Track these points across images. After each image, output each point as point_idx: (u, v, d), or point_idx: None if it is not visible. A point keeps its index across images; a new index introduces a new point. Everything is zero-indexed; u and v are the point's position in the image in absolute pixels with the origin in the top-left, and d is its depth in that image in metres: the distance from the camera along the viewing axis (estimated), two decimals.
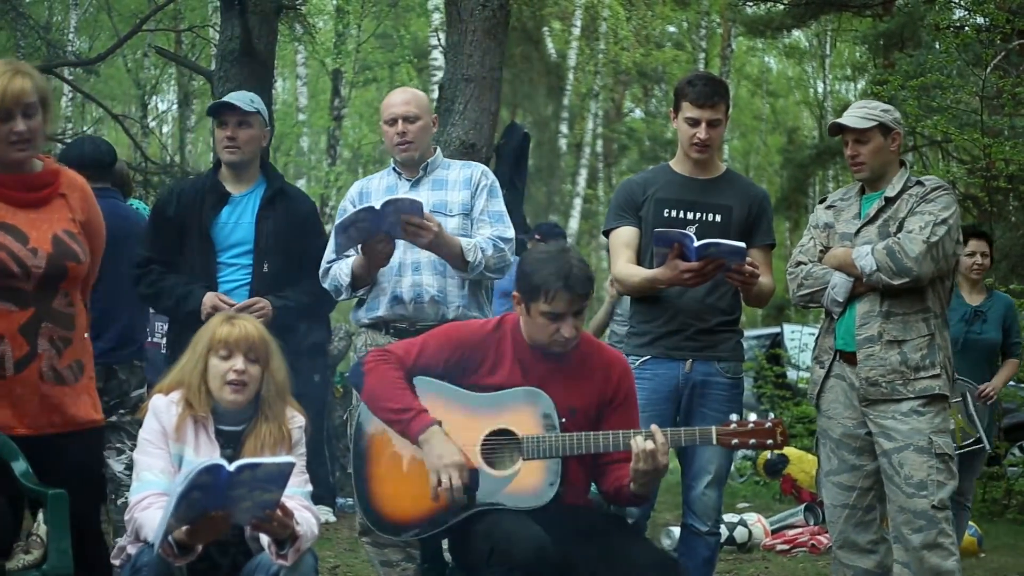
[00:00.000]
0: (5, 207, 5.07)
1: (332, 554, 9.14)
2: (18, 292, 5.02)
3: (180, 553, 4.58)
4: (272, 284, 6.41)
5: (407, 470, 5.22)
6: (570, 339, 5.13)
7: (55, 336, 5.08)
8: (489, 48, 9.84)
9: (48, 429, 5.12)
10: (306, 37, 17.48)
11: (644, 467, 4.97)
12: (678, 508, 6.44)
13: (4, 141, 4.98)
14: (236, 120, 6.51)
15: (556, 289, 5.06)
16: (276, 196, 6.54)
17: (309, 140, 30.80)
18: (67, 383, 5.15)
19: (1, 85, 4.93)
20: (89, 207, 5.28)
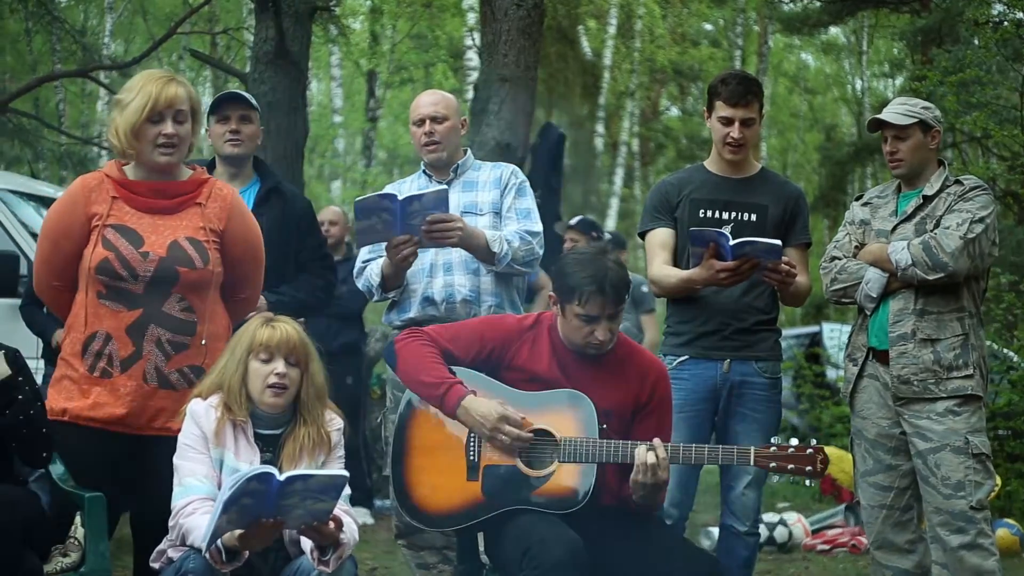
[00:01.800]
0: (131, 211, 5.24)
1: (370, 556, 9.14)
2: (127, 293, 5.15)
3: (227, 559, 4.59)
4: (268, 280, 6.39)
5: (444, 462, 5.22)
6: (604, 342, 5.12)
7: (164, 339, 5.16)
8: (524, 48, 9.83)
9: (146, 430, 5.20)
10: (340, 38, 17.48)
11: (643, 479, 5.00)
12: (717, 509, 6.41)
13: (151, 143, 5.16)
14: (239, 115, 6.54)
15: (590, 292, 5.05)
16: (270, 193, 6.54)
17: (345, 141, 30.84)
18: (174, 388, 5.20)
19: (157, 89, 5.16)
20: (231, 218, 5.36)
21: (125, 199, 5.28)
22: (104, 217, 5.23)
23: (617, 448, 5.08)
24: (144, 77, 5.28)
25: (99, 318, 5.20)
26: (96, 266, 5.16)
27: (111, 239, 5.19)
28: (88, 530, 5.01)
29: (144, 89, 5.20)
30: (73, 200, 5.29)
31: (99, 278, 5.17)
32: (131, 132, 5.19)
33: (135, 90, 5.22)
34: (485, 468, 5.20)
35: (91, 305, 5.21)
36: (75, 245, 5.24)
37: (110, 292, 5.19)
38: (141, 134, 5.20)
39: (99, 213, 5.24)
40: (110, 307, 5.19)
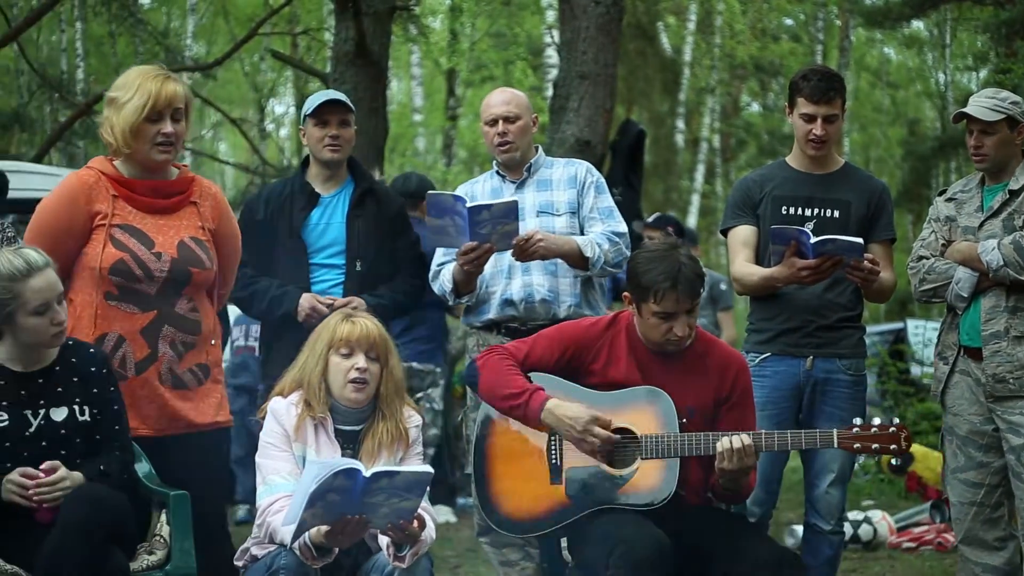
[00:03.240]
0: (135, 212, 5.25)
1: (453, 554, 9.15)
2: (141, 295, 5.16)
3: (318, 555, 4.62)
4: (365, 283, 6.41)
5: (527, 468, 5.21)
6: (683, 338, 5.10)
7: (176, 340, 5.20)
8: (603, 45, 9.81)
9: (168, 431, 5.24)
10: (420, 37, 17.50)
11: (729, 465, 5.00)
12: (801, 507, 6.37)
13: (150, 142, 5.17)
14: (339, 119, 6.50)
15: (665, 289, 5.03)
16: (365, 195, 6.53)
17: (425, 140, 30.90)
18: (187, 387, 5.26)
19: (155, 88, 5.16)
20: (221, 216, 5.42)
21: (125, 198, 5.28)
22: (108, 216, 5.23)
23: (699, 441, 5.05)
24: (140, 75, 5.27)
25: (109, 320, 5.21)
26: (110, 267, 5.17)
27: (122, 240, 5.20)
28: (173, 528, 5.05)
29: (143, 87, 5.19)
30: (73, 197, 5.27)
31: (112, 279, 5.18)
32: (129, 131, 5.18)
33: (132, 88, 5.21)
34: (568, 471, 5.19)
35: (100, 307, 5.22)
36: (76, 243, 5.24)
37: (122, 293, 5.20)
38: (140, 133, 5.20)
39: (102, 212, 5.23)
40: (122, 309, 5.21)
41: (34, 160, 16.67)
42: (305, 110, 6.58)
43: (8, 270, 4.79)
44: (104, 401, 5.03)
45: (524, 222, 6.33)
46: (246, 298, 6.49)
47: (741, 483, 5.15)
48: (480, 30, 25.81)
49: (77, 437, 4.96)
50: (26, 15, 19.12)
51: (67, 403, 4.96)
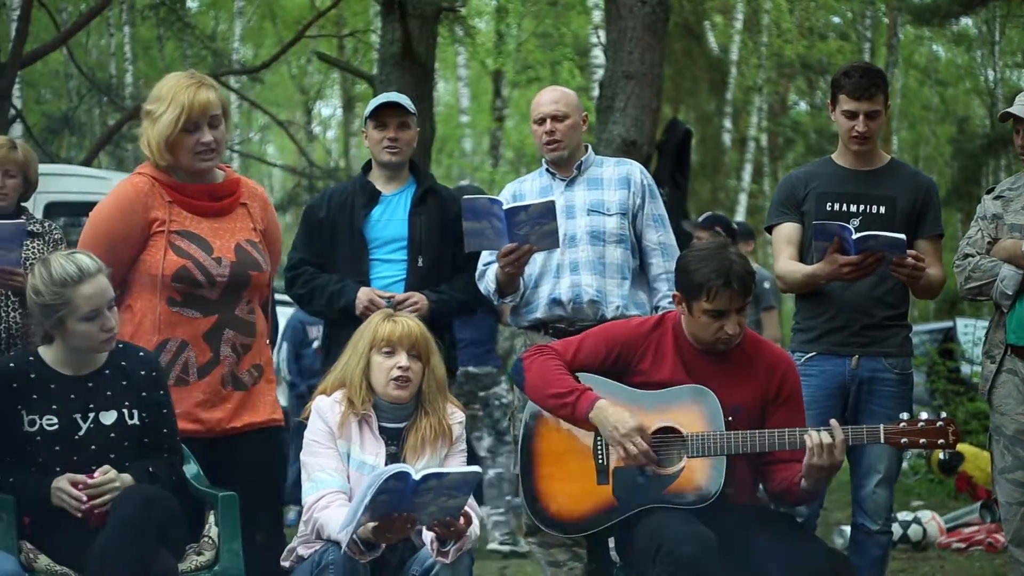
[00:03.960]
0: (190, 216, 5.28)
1: (501, 554, 9.16)
2: (203, 300, 5.20)
3: (366, 550, 4.66)
4: (427, 279, 6.42)
5: (573, 468, 5.22)
6: (734, 336, 5.09)
7: (237, 343, 5.24)
8: (649, 44, 9.80)
9: (229, 432, 5.26)
10: (466, 39, 17.54)
11: (819, 462, 4.90)
12: (848, 507, 6.34)
13: (190, 152, 5.17)
14: (397, 121, 6.51)
15: (718, 287, 5.01)
16: (427, 195, 6.55)
17: (472, 142, 30.93)
18: (246, 387, 5.29)
19: (188, 97, 5.14)
20: (268, 217, 5.43)
21: (180, 203, 5.29)
22: (167, 223, 5.25)
23: (745, 439, 5.04)
24: (172, 86, 5.25)
25: (172, 326, 5.24)
26: (173, 274, 5.19)
27: (182, 246, 5.22)
28: (221, 529, 5.07)
29: (176, 99, 5.18)
30: (130, 204, 5.29)
31: (174, 286, 5.20)
32: (164, 144, 5.19)
33: (165, 100, 5.20)
34: (615, 471, 5.18)
35: (163, 313, 5.24)
36: (133, 250, 5.26)
37: (185, 299, 5.22)
38: (177, 145, 5.20)
39: (160, 218, 5.25)
40: (184, 314, 5.23)
41: (83, 163, 16.79)
42: (365, 112, 6.61)
43: (60, 275, 4.82)
44: (153, 404, 5.05)
45: (574, 220, 6.35)
46: (306, 295, 6.52)
47: (825, 483, 5.10)
48: (526, 31, 25.83)
49: (126, 440, 4.98)
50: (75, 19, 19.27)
51: (116, 407, 4.99)
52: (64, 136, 22.34)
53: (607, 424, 5.09)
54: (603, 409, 5.10)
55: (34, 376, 4.94)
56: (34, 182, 6.42)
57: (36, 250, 6.19)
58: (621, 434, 5.06)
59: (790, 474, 5.06)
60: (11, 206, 6.29)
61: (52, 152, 19.27)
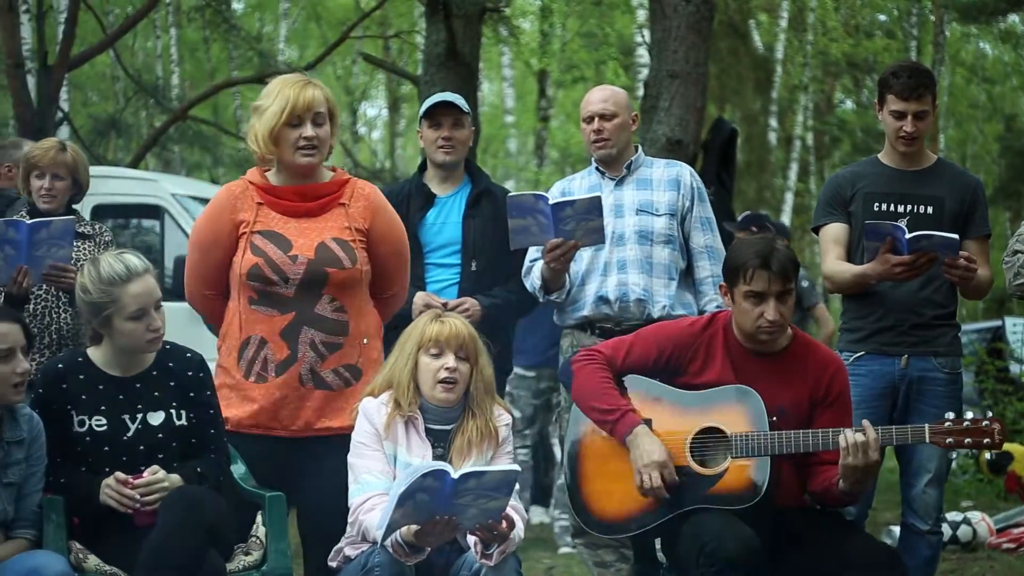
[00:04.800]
0: (278, 216, 5.33)
1: (547, 555, 9.17)
2: (278, 298, 5.23)
3: (410, 552, 4.66)
4: (480, 282, 6.42)
5: (617, 469, 5.19)
6: (774, 322, 5.04)
7: (317, 341, 5.23)
8: (694, 43, 9.78)
9: (306, 432, 5.28)
10: (511, 39, 17.56)
11: (854, 462, 4.87)
12: (898, 507, 6.31)
13: (292, 146, 5.23)
14: (451, 121, 6.51)
15: (754, 268, 5.01)
16: (482, 196, 6.54)
17: (517, 142, 30.96)
18: (331, 388, 5.28)
19: (294, 93, 5.23)
20: (375, 216, 5.41)
21: (270, 204, 5.34)
22: (251, 224, 5.30)
23: (789, 439, 5.01)
24: (281, 82, 5.34)
25: (252, 324, 5.28)
26: (247, 272, 5.24)
27: (259, 245, 5.26)
28: (269, 529, 5.09)
29: (282, 94, 5.25)
30: (220, 209, 5.38)
31: (250, 284, 5.25)
32: (269, 136, 5.25)
33: (273, 95, 5.28)
34: None
35: (244, 311, 5.29)
36: (225, 253, 5.33)
37: (262, 297, 5.26)
38: (280, 138, 5.26)
39: (246, 220, 5.31)
40: (262, 312, 5.27)
41: (130, 165, 16.91)
42: (420, 112, 6.62)
43: (108, 274, 4.86)
44: (200, 405, 5.08)
45: (623, 219, 6.34)
46: None
47: (865, 485, 5.05)
48: (571, 30, 25.81)
49: (174, 441, 5.01)
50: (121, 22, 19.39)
51: (164, 407, 5.02)
52: (111, 138, 22.48)
53: (636, 450, 5.06)
54: (639, 436, 5.08)
55: (83, 377, 4.98)
56: (84, 184, 6.45)
57: (86, 252, 6.23)
58: (643, 464, 5.03)
59: (831, 474, 5.03)
60: (60, 208, 6.32)
61: (99, 154, 19.39)
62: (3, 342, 4.67)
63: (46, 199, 6.28)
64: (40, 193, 6.27)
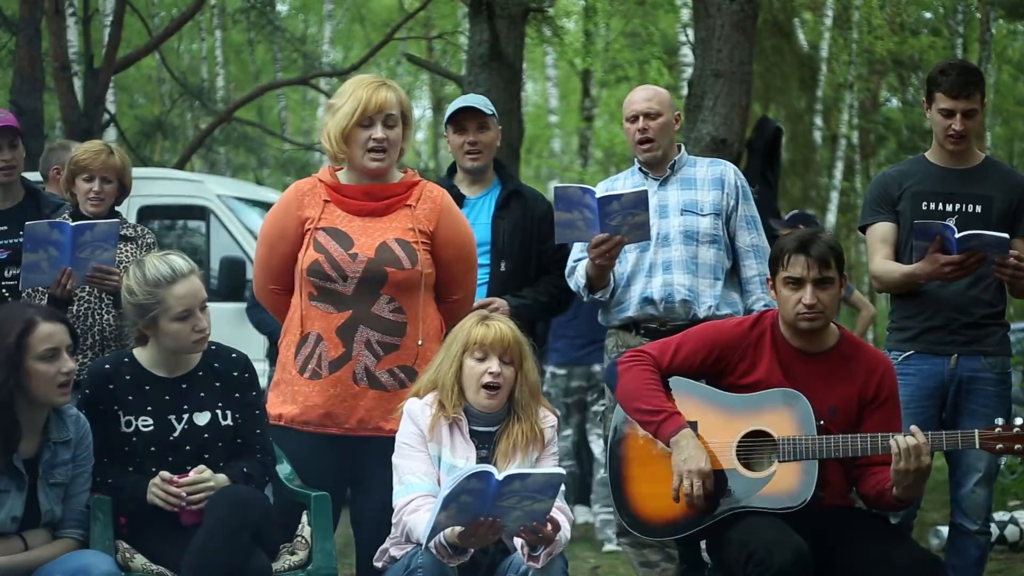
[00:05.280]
0: (343, 214, 5.34)
1: (592, 555, 9.16)
2: (337, 295, 5.25)
3: (453, 553, 4.65)
4: (510, 283, 6.40)
5: (663, 472, 5.17)
6: (812, 307, 5.02)
7: (373, 340, 5.23)
8: (738, 42, 9.73)
9: (358, 431, 5.28)
10: (554, 39, 17.54)
11: (905, 467, 4.83)
12: (946, 507, 6.28)
13: (362, 147, 5.24)
14: (476, 124, 6.50)
15: (791, 253, 5.01)
16: (511, 197, 6.53)
17: (561, 142, 30.91)
18: (385, 388, 5.27)
19: (367, 94, 5.25)
20: (441, 219, 5.41)
21: (336, 202, 5.36)
22: (316, 220, 5.32)
23: (837, 443, 4.98)
24: (356, 82, 5.36)
25: (311, 320, 5.29)
26: (307, 268, 5.25)
27: (322, 242, 5.27)
28: (314, 529, 5.10)
29: (355, 94, 5.27)
30: (287, 205, 5.41)
31: (310, 280, 5.27)
32: (341, 136, 5.27)
33: (346, 95, 5.30)
34: None
35: (304, 307, 5.30)
36: (290, 248, 5.35)
37: (321, 294, 5.27)
38: (351, 138, 5.28)
39: (311, 217, 5.33)
40: (321, 308, 5.28)
41: (176, 167, 16.99)
42: (444, 118, 6.62)
43: (153, 275, 4.88)
44: (246, 405, 5.10)
45: (667, 220, 6.32)
46: None
47: (918, 490, 5.01)
48: (614, 30, 25.78)
49: (219, 441, 5.03)
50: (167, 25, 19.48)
51: (210, 408, 5.04)
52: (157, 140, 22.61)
53: (680, 454, 5.04)
54: (683, 439, 5.06)
55: (129, 378, 5.00)
56: (128, 187, 6.48)
57: (129, 254, 6.25)
58: (686, 469, 5.02)
59: (882, 478, 5.00)
60: (106, 211, 6.34)
61: (145, 156, 19.50)
62: (48, 342, 4.69)
63: (94, 202, 6.29)
64: (88, 196, 6.29)
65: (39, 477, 4.76)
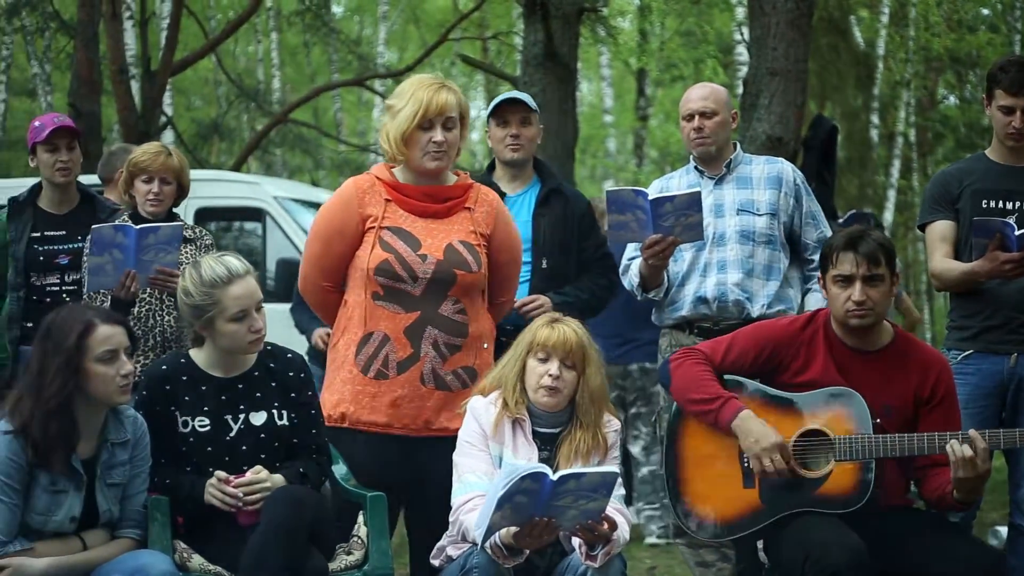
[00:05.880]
0: (406, 215, 5.36)
1: (648, 555, 9.13)
2: (405, 295, 5.26)
3: (509, 555, 4.65)
4: (551, 280, 6.39)
5: (719, 472, 5.17)
6: (861, 303, 4.99)
7: (440, 341, 5.26)
8: (794, 40, 9.68)
9: (424, 432, 5.29)
10: (608, 39, 17.51)
11: (964, 475, 4.80)
12: (1005, 507, 6.23)
13: (422, 150, 5.26)
14: (519, 119, 6.49)
15: (839, 250, 4.99)
16: (551, 194, 6.52)
17: (616, 141, 30.88)
18: (449, 389, 5.29)
19: (428, 96, 5.26)
20: (497, 223, 5.45)
21: (398, 202, 5.37)
22: (379, 219, 5.33)
23: (894, 442, 4.95)
24: (415, 83, 5.36)
25: (376, 319, 5.29)
26: (376, 267, 5.26)
27: (389, 241, 5.28)
28: (370, 529, 5.11)
29: (415, 96, 5.27)
30: (347, 201, 5.41)
31: (377, 279, 5.27)
32: (401, 138, 5.28)
33: (406, 96, 5.30)
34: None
35: (368, 306, 5.31)
36: (348, 246, 5.35)
37: (387, 294, 5.28)
38: (412, 141, 5.28)
39: (374, 215, 5.34)
40: (387, 309, 5.28)
41: (232, 168, 17.08)
42: (487, 111, 6.62)
43: (209, 277, 4.90)
44: (301, 405, 5.11)
45: (723, 219, 6.29)
46: None
47: (978, 493, 4.97)
48: (669, 29, 25.71)
49: (275, 441, 5.05)
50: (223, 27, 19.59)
51: (266, 408, 5.06)
52: (213, 142, 22.75)
53: (748, 436, 5.03)
54: (746, 420, 5.05)
55: (186, 378, 5.03)
56: (187, 188, 6.51)
57: (188, 255, 6.28)
58: (761, 448, 5.00)
59: (943, 481, 4.96)
60: (164, 212, 6.38)
61: (202, 158, 19.61)
62: (107, 344, 4.72)
63: (153, 203, 6.33)
64: (148, 197, 6.33)
65: (97, 478, 4.79)
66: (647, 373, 9.65)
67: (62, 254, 6.54)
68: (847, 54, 27.62)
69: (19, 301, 6.52)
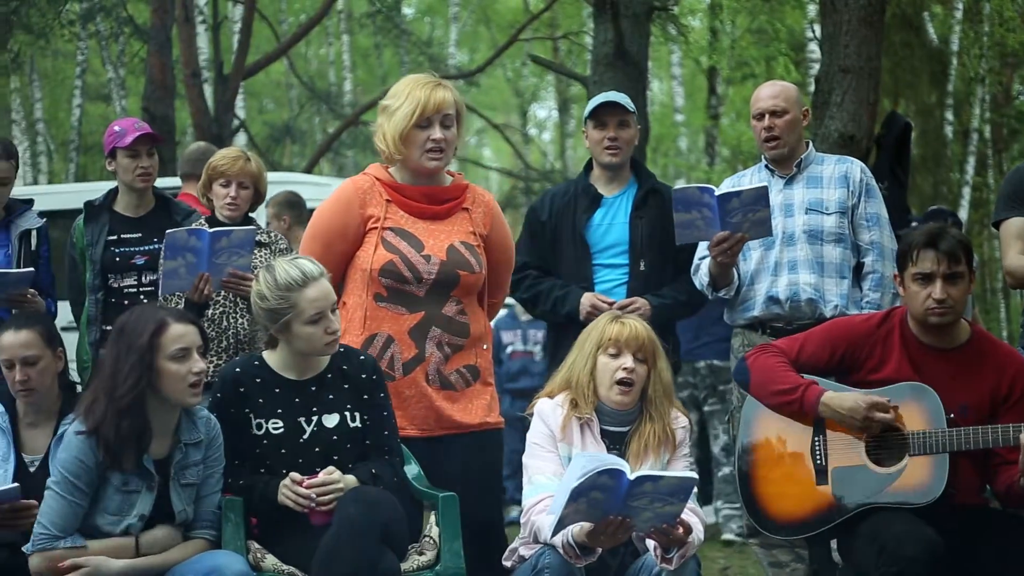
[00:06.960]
0: (407, 216, 5.38)
1: (722, 555, 9.11)
2: (409, 296, 5.27)
3: (581, 554, 4.64)
4: (649, 282, 6.39)
5: (791, 471, 5.16)
6: (942, 302, 4.96)
7: (444, 341, 5.28)
8: (866, 37, 9.62)
9: (436, 431, 5.32)
10: (679, 37, 17.46)
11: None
12: None
13: (420, 148, 5.28)
14: (616, 121, 6.48)
15: (920, 248, 4.95)
16: (649, 195, 6.51)
17: (687, 140, 30.80)
18: (454, 388, 5.33)
19: (425, 94, 5.27)
20: (493, 223, 5.49)
21: (398, 203, 5.39)
22: (381, 220, 5.34)
23: (968, 435, 4.91)
24: (411, 82, 5.38)
25: (378, 321, 5.32)
26: (380, 268, 5.27)
27: (392, 242, 5.30)
28: (442, 529, 5.12)
29: (412, 94, 5.29)
30: (347, 202, 5.42)
31: (381, 280, 5.29)
32: (399, 137, 5.29)
33: (402, 96, 5.32)
34: (834, 471, 5.11)
35: (370, 308, 5.32)
36: (349, 246, 5.38)
37: (391, 294, 5.30)
38: (410, 139, 5.30)
39: (375, 216, 5.35)
40: (391, 310, 5.31)
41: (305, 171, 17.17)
42: (584, 113, 6.61)
43: (285, 280, 4.92)
44: (374, 407, 5.13)
45: (793, 218, 6.26)
46: (530, 299, 6.56)
47: None
48: (740, 27, 25.61)
49: (348, 443, 5.07)
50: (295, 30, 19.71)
51: (339, 410, 5.08)
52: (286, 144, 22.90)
53: (841, 412, 5.02)
54: (833, 399, 5.04)
55: (259, 380, 5.06)
56: (264, 193, 6.56)
57: (262, 259, 6.32)
58: (860, 417, 4.99)
59: (1013, 472, 4.93)
60: (240, 216, 6.43)
61: (274, 160, 19.74)
62: (179, 342, 4.76)
63: (230, 207, 6.38)
64: (225, 202, 6.38)
65: (171, 478, 4.83)
66: (716, 371, 9.63)
67: (138, 255, 6.59)
68: (920, 50, 27.39)
69: (97, 303, 6.58)
